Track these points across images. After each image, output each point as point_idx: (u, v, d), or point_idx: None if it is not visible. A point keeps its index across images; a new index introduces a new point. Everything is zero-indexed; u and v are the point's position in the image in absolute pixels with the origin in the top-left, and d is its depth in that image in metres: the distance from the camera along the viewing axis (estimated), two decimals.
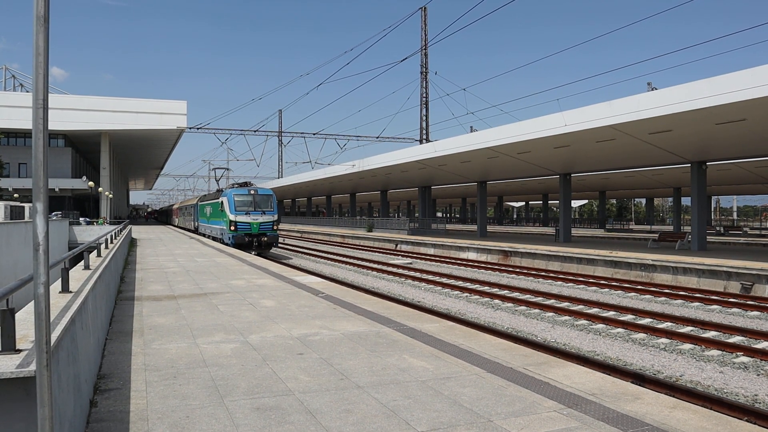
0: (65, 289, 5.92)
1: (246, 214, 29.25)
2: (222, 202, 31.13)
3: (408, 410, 4.85)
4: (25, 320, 4.15)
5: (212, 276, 14.81)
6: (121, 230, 23.83)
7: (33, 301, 3.04)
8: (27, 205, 33.04)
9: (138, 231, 45.82)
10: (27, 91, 59.04)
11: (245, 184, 31.79)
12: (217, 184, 43.53)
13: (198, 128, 48.22)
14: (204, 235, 39.96)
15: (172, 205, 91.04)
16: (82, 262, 8.80)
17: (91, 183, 51.03)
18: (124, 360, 6.47)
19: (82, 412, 4.45)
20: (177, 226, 63.43)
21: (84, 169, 64.01)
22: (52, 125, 44.26)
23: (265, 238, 29.39)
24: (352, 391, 5.37)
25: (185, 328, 8.26)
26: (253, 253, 27.26)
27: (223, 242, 31.45)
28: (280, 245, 38.91)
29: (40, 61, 2.78)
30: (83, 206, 65.05)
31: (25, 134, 51.98)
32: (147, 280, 13.95)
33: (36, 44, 2.78)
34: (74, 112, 46.62)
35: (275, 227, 30.09)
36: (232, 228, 29.06)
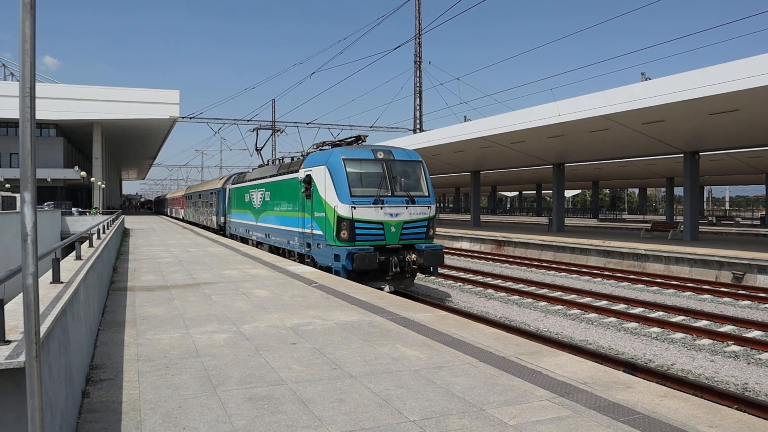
0: (56, 279, 5.90)
1: (375, 202, 14.13)
2: (307, 177, 15.76)
3: (400, 399, 4.86)
4: (15, 311, 4.13)
5: (205, 266, 14.78)
6: (113, 220, 23.75)
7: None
8: (18, 196, 32.80)
9: (131, 221, 45.65)
10: (18, 80, 58.47)
11: (358, 140, 16.66)
12: (259, 155, 26.69)
13: (191, 118, 47.98)
14: (246, 242, 24.62)
15: (166, 194, 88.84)
16: (73, 253, 8.76)
17: (83, 173, 50.74)
18: (116, 350, 6.45)
19: (74, 403, 4.44)
20: (183, 220, 50.07)
21: (76, 159, 63.62)
22: (44, 115, 44.07)
23: (414, 256, 14.13)
24: (344, 380, 5.38)
25: (178, 318, 8.25)
26: (386, 289, 13.80)
27: (310, 261, 16.00)
28: None
29: (27, 48, 2.74)
30: (76, 196, 64.73)
31: (16, 124, 51.47)
32: (140, 270, 13.91)
33: (22, 32, 2.74)
34: (66, 102, 46.30)
35: (432, 231, 15.00)
36: (344, 234, 13.89)
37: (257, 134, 27.09)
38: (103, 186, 53.55)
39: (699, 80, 17.46)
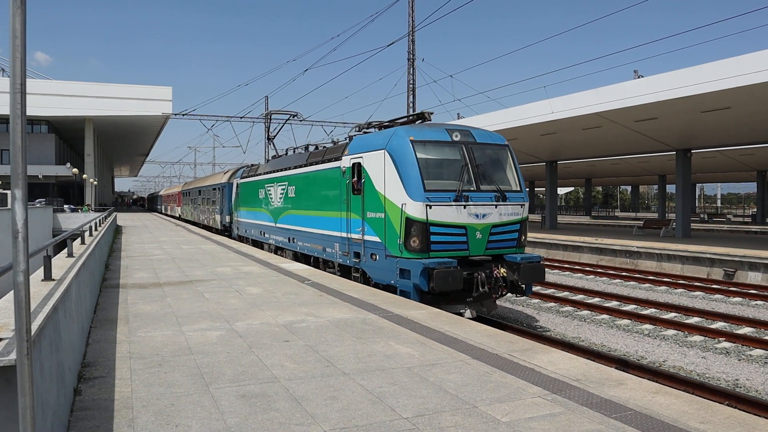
0: (48, 276, 5.86)
1: (457, 199, 10.88)
2: (356, 166, 12.57)
3: (394, 397, 4.86)
4: (6, 308, 4.10)
5: (198, 263, 14.74)
6: (106, 217, 23.65)
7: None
8: (9, 192, 32.57)
9: (123, 218, 45.46)
10: (8, 77, 57.98)
11: (420, 117, 13.09)
12: (272, 145, 22.82)
13: (183, 114, 47.69)
14: (260, 246, 21.28)
15: (159, 191, 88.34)
16: (65, 250, 8.72)
17: (75, 170, 50.48)
18: (108, 348, 6.43)
19: (65, 401, 4.42)
20: (180, 219, 47.26)
21: (68, 156, 63.29)
22: (36, 111, 43.74)
23: (504, 270, 11.03)
24: (337, 377, 5.38)
25: (171, 315, 8.22)
26: (467, 314, 10.74)
27: (359, 276, 12.61)
28: None
29: (17, 44, 2.72)
30: (67, 193, 64.37)
31: (7, 120, 51.06)
32: (132, 267, 13.86)
33: (12, 27, 2.72)
34: (58, 98, 45.97)
35: (524, 237, 11.78)
36: (414, 242, 10.69)
37: (270, 120, 23.25)
38: (95, 183, 53.29)
39: (691, 78, 17.54)
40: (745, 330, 11.48)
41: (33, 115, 45.03)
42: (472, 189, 11.07)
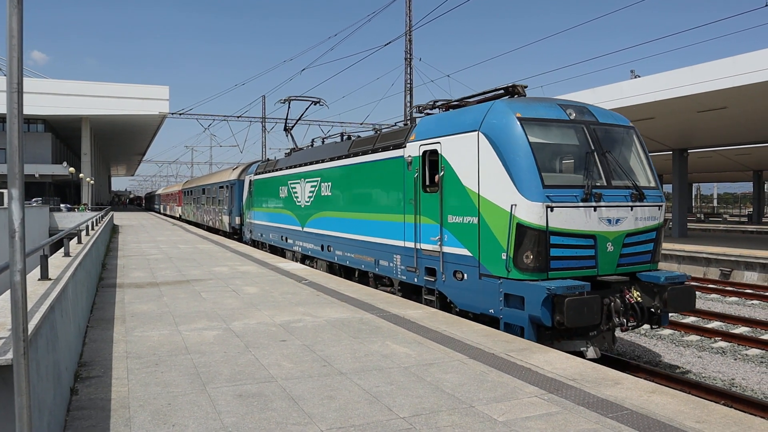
0: (44, 276, 5.85)
1: (587, 197, 7.94)
2: (429, 154, 9.83)
3: (390, 396, 4.87)
4: (2, 308, 4.10)
5: (195, 263, 14.73)
6: (102, 217, 23.61)
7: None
8: (6, 192, 32.48)
9: (120, 218, 45.39)
10: (5, 76, 57.74)
11: (510, 92, 9.59)
12: (289, 136, 20.54)
13: (180, 114, 47.62)
14: (280, 253, 18.67)
15: (157, 190, 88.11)
16: (62, 249, 8.71)
17: (71, 169, 50.36)
18: (105, 347, 6.42)
19: (62, 400, 4.41)
20: (180, 219, 45.86)
21: (65, 155, 63.15)
22: (32, 110, 43.65)
23: (638, 293, 8.21)
24: (334, 377, 5.38)
25: (167, 315, 8.21)
26: (590, 353, 7.89)
27: (435, 301, 9.69)
28: None
29: (14, 43, 2.72)
30: (64, 192, 64.25)
31: (4, 119, 51.05)
32: (129, 266, 13.84)
33: (9, 26, 2.72)
34: (54, 97, 45.83)
35: (659, 249, 8.97)
36: (528, 258, 7.71)
37: (289, 106, 19.71)
38: (91, 182, 53.19)
39: (688, 78, 17.58)
40: (741, 329, 11.51)
41: (29, 114, 44.89)
42: (602, 185, 8.30)
